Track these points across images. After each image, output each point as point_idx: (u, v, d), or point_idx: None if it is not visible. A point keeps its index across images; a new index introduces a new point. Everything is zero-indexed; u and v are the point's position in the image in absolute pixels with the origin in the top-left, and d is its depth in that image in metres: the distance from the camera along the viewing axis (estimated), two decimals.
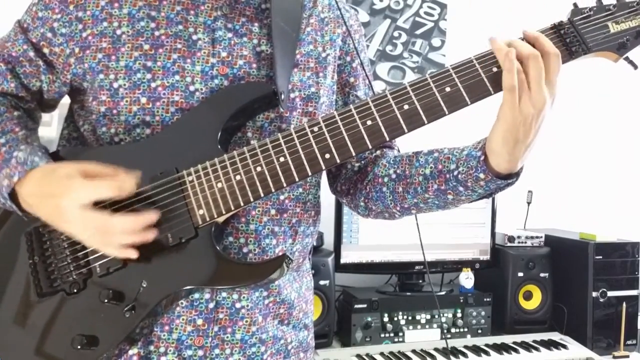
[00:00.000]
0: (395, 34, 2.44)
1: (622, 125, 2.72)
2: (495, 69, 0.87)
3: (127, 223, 0.83)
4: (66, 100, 1.04)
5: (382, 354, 1.88)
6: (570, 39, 0.90)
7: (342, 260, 2.02)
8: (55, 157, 0.94)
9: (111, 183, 0.83)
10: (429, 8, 2.48)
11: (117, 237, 0.83)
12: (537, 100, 0.84)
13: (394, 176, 1.02)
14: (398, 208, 1.03)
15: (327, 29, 1.07)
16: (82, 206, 0.82)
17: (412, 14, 2.47)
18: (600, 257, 2.08)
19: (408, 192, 1.00)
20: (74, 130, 1.01)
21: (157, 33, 0.93)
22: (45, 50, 0.96)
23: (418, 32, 2.47)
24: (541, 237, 2.20)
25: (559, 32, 0.90)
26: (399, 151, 1.12)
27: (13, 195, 0.88)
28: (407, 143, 1.11)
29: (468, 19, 2.46)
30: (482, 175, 0.90)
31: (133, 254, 0.84)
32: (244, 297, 0.96)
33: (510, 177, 0.91)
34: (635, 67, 0.94)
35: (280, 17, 0.98)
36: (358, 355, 1.86)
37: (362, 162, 1.09)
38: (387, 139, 0.87)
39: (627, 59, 0.93)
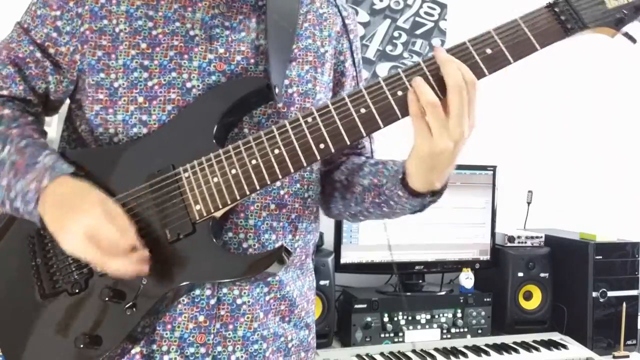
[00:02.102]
0: (395, 34, 2.44)
1: (622, 125, 2.72)
2: (489, 51, 0.87)
3: (121, 268, 0.82)
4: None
5: (382, 354, 1.88)
6: (566, 16, 0.87)
7: (342, 260, 2.02)
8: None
9: (128, 263, 0.82)
10: (429, 8, 2.48)
11: (113, 265, 0.83)
12: (456, 134, 0.83)
13: (345, 183, 1.06)
14: (347, 213, 1.09)
15: (326, 24, 1.07)
16: (86, 234, 0.82)
17: (412, 14, 2.47)
18: (600, 257, 2.08)
19: (352, 199, 1.05)
20: (73, 132, 1.01)
21: (154, 32, 0.93)
22: (51, 51, 0.96)
23: (418, 32, 2.47)
24: (541, 237, 2.20)
25: (554, 9, 0.88)
26: (371, 157, 1.13)
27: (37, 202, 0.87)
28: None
29: (468, 19, 2.46)
30: (400, 193, 0.93)
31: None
32: (245, 293, 0.96)
33: (434, 194, 0.93)
34: (634, 41, 0.92)
35: (276, 12, 0.98)
36: (358, 355, 1.86)
37: (329, 166, 1.11)
38: (382, 126, 0.87)
39: (626, 34, 0.91)
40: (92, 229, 0.82)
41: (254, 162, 0.88)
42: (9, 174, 0.89)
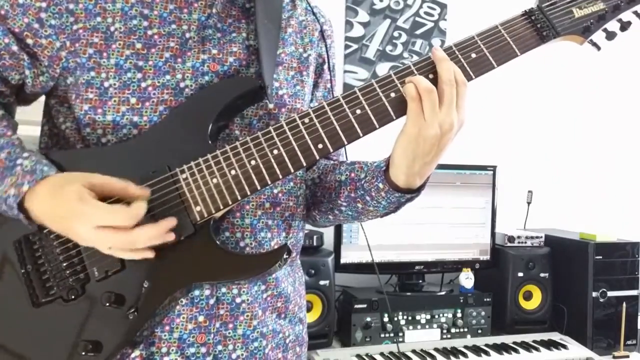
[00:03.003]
0: (395, 34, 2.44)
1: (622, 125, 2.72)
2: (474, 55, 0.92)
3: (151, 233, 0.82)
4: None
5: (382, 354, 1.88)
6: (541, 24, 0.95)
7: (342, 260, 2.02)
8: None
9: (126, 213, 0.81)
10: (429, 8, 2.48)
11: (139, 249, 0.83)
12: (444, 122, 0.86)
13: (317, 181, 1.09)
14: (316, 212, 1.10)
15: (306, 31, 1.10)
16: (97, 228, 0.81)
17: (412, 14, 2.46)
18: (600, 257, 2.08)
19: (324, 196, 1.06)
20: (54, 126, 0.98)
21: (149, 32, 0.93)
22: (29, 41, 0.92)
23: (418, 32, 2.47)
24: (541, 237, 2.20)
25: (530, 18, 0.95)
26: (343, 161, 1.15)
27: (21, 206, 0.85)
28: None
29: (468, 19, 2.46)
30: (381, 185, 0.95)
31: (150, 254, 0.84)
32: (243, 292, 0.97)
33: (411, 192, 0.94)
34: (599, 48, 0.99)
35: (263, 15, 1.00)
36: (358, 355, 1.86)
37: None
38: (377, 126, 0.90)
39: (591, 41, 0.98)
40: (98, 222, 0.80)
41: (253, 162, 0.88)
42: None
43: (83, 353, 0.84)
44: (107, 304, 0.85)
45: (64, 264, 0.88)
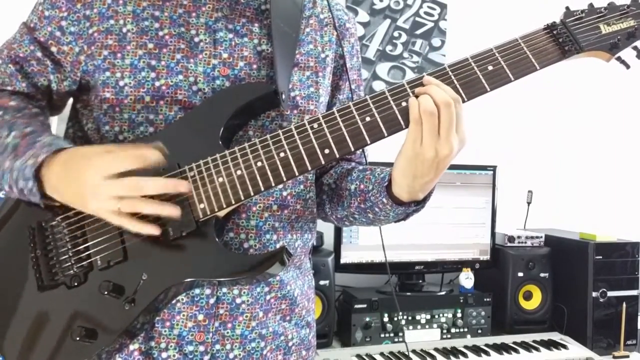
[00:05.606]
0: (395, 34, 2.44)
1: (621, 125, 2.72)
2: (490, 67, 0.90)
3: (160, 182, 0.84)
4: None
5: (382, 354, 1.89)
6: (563, 38, 0.92)
7: (342, 260, 2.02)
8: None
9: (134, 152, 0.82)
10: (429, 8, 2.48)
11: (147, 203, 0.83)
12: (442, 147, 0.85)
13: (333, 186, 1.09)
14: (334, 217, 1.11)
15: (327, 29, 1.09)
16: (107, 177, 0.82)
17: (412, 14, 2.47)
18: (600, 257, 2.08)
19: (339, 203, 1.07)
20: (79, 129, 1.02)
21: (161, 33, 0.95)
22: (53, 49, 0.97)
23: (418, 32, 2.47)
24: (541, 237, 2.20)
25: (552, 32, 0.93)
26: (364, 164, 1.15)
27: (37, 178, 0.87)
28: None
29: (468, 19, 2.46)
30: (385, 200, 0.95)
31: (155, 231, 0.85)
32: (244, 292, 0.97)
33: (416, 204, 0.95)
34: (628, 66, 0.97)
35: (279, 18, 1.00)
36: (358, 355, 1.86)
37: (318, 171, 1.13)
38: (386, 134, 0.89)
39: (618, 58, 0.95)
40: (107, 169, 0.82)
41: (259, 164, 0.89)
42: (10, 155, 0.90)
43: (77, 338, 0.86)
44: (106, 293, 0.87)
45: (71, 252, 0.90)
